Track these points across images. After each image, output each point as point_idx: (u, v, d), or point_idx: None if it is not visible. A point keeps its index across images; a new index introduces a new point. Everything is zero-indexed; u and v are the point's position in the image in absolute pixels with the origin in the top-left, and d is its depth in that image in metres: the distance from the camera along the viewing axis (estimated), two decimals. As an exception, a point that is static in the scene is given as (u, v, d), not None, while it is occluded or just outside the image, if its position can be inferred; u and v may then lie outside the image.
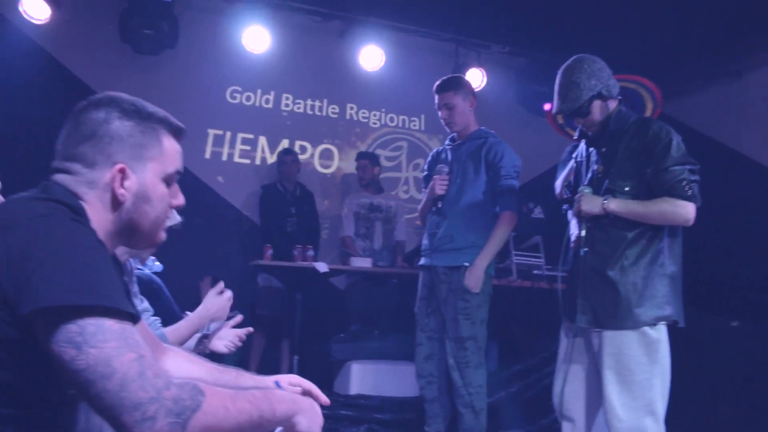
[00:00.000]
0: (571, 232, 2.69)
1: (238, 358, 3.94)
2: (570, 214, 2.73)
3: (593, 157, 2.68)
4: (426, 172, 3.59)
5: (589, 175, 2.66)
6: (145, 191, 1.27)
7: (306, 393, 1.47)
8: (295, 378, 1.54)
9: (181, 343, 2.40)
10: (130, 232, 1.30)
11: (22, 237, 1.06)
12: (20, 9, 4.91)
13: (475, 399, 3.09)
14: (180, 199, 1.37)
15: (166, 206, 1.33)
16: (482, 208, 3.24)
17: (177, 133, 1.35)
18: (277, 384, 1.49)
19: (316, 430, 1.29)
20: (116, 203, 1.25)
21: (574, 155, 2.85)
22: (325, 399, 1.50)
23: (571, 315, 2.61)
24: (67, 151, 1.26)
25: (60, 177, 1.25)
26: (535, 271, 4.70)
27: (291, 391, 1.44)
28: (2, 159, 2.84)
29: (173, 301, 3.26)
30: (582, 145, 2.79)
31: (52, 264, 1.04)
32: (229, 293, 2.53)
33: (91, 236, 1.14)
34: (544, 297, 4.47)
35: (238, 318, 2.53)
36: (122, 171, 1.24)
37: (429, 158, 3.62)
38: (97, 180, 1.24)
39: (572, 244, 2.68)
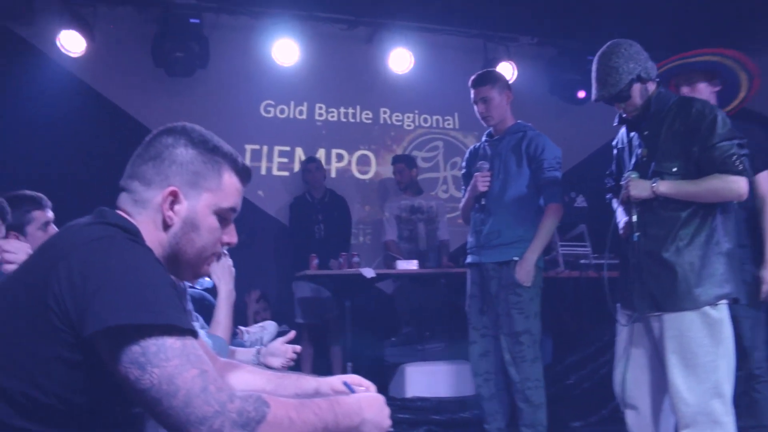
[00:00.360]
0: (618, 219, 2.65)
1: (290, 370, 3.97)
2: (615, 202, 2.68)
3: (635, 142, 2.63)
4: (465, 170, 3.57)
5: (633, 159, 2.62)
6: (194, 218, 1.29)
7: None
8: (356, 378, 1.53)
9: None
10: (176, 258, 1.31)
11: (82, 260, 1.08)
12: (58, 44, 5.06)
13: (533, 393, 3.05)
14: (233, 237, 1.37)
15: (214, 239, 1.33)
16: (527, 202, 3.21)
17: (241, 173, 1.35)
18: (347, 385, 1.49)
19: (385, 428, 1.29)
20: (165, 226, 1.27)
21: (613, 143, 2.81)
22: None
23: (628, 301, 2.56)
24: (132, 169, 1.30)
25: (121, 196, 1.29)
26: (583, 261, 4.63)
27: (361, 391, 1.45)
28: (52, 187, 2.91)
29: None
30: (622, 131, 2.74)
31: (112, 285, 1.06)
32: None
33: (148, 255, 1.16)
34: (593, 286, 4.40)
35: (291, 334, 2.53)
36: (173, 194, 1.26)
37: (467, 155, 3.59)
38: (150, 199, 1.26)
39: (621, 231, 2.64)
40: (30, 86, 5.16)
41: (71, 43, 5.11)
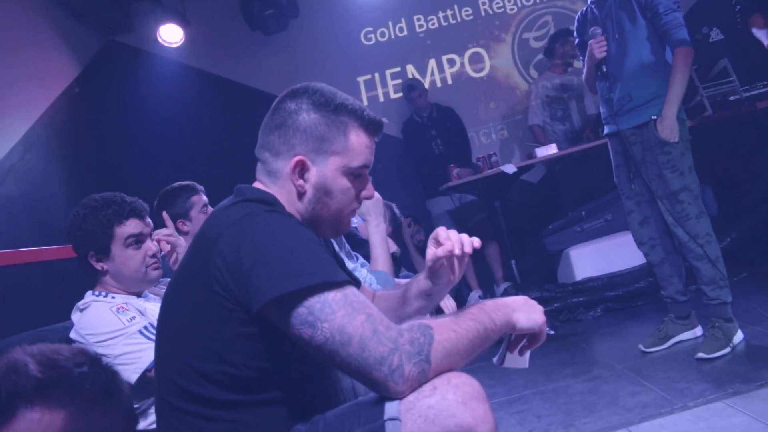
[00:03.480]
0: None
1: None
2: (755, 31, 2.40)
3: None
4: (578, 40, 3.36)
5: None
6: (325, 183, 1.31)
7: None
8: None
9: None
10: (315, 222, 1.35)
11: (231, 243, 1.16)
12: (159, 40, 5.34)
13: (708, 249, 2.90)
14: (370, 191, 1.39)
15: (349, 199, 1.35)
16: (652, 55, 2.95)
17: (369, 126, 1.35)
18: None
19: (539, 319, 1.30)
20: (299, 194, 1.32)
21: None
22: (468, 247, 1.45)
23: None
24: (262, 139, 1.35)
25: (258, 166, 1.36)
26: (732, 98, 4.25)
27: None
28: (192, 173, 3.15)
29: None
30: None
31: (263, 260, 1.13)
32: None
33: (289, 222, 1.22)
34: (750, 122, 4.06)
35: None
36: (301, 163, 1.30)
37: (576, 24, 3.36)
38: (280, 170, 1.32)
39: None
40: (145, 86, 5.53)
41: (170, 35, 5.37)
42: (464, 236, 1.48)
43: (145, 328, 1.75)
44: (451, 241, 1.46)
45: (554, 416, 2.62)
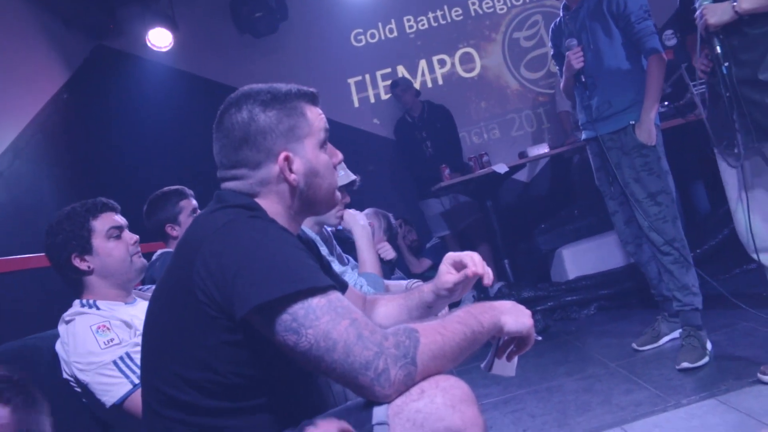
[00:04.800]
0: (697, 60, 2.41)
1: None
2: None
3: None
4: (553, 50, 3.40)
5: None
6: (312, 166, 1.33)
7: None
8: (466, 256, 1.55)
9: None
10: (309, 206, 1.37)
11: (213, 251, 1.15)
12: (148, 44, 5.31)
13: (684, 253, 2.93)
14: (338, 155, 1.41)
15: (331, 170, 1.37)
16: (628, 62, 3.01)
17: (313, 99, 1.38)
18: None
19: (527, 322, 1.30)
20: (291, 188, 1.32)
21: None
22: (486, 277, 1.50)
23: (731, 140, 2.34)
24: (229, 159, 1.33)
25: (230, 184, 1.33)
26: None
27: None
28: (181, 177, 3.15)
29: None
30: None
31: (246, 267, 1.12)
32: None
33: (271, 228, 1.22)
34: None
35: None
36: (287, 158, 1.30)
37: (550, 35, 3.41)
38: (267, 176, 1.31)
39: (701, 68, 2.39)
40: (135, 91, 5.51)
41: (159, 38, 5.34)
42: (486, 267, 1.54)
43: (121, 358, 1.72)
44: (477, 267, 1.51)
45: (548, 415, 2.63)
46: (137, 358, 1.60)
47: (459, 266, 1.54)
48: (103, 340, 1.74)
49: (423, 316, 1.58)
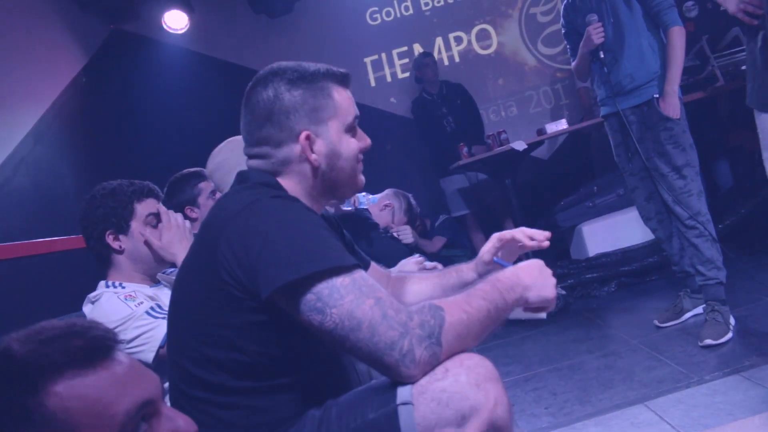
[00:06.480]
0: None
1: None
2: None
3: None
4: (565, 29, 3.32)
5: None
6: (334, 148, 1.32)
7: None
8: (519, 234, 1.59)
9: None
10: (332, 189, 1.36)
11: (238, 231, 1.15)
12: (164, 26, 5.30)
13: (709, 227, 2.89)
14: (366, 141, 1.40)
15: (356, 154, 1.37)
16: (650, 34, 2.97)
17: (343, 80, 1.36)
18: (498, 261, 1.55)
19: (548, 295, 1.28)
20: (313, 169, 1.31)
21: None
22: (543, 238, 1.56)
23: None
24: (252, 136, 1.33)
25: (254, 163, 1.34)
26: (744, 67, 4.17)
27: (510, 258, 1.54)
28: (202, 159, 3.17)
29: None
30: None
31: (270, 247, 1.12)
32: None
33: (294, 207, 1.22)
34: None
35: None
36: (308, 138, 1.29)
37: (563, 12, 3.33)
38: (289, 156, 1.31)
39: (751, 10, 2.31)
40: (152, 74, 5.50)
41: (175, 21, 5.32)
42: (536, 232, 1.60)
43: (152, 308, 1.76)
44: (537, 237, 1.58)
45: (570, 393, 2.62)
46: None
47: (509, 245, 1.59)
48: (133, 304, 1.78)
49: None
